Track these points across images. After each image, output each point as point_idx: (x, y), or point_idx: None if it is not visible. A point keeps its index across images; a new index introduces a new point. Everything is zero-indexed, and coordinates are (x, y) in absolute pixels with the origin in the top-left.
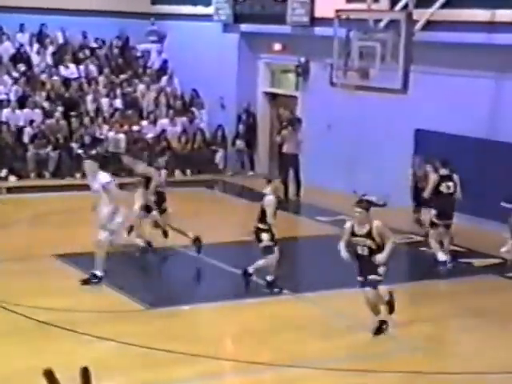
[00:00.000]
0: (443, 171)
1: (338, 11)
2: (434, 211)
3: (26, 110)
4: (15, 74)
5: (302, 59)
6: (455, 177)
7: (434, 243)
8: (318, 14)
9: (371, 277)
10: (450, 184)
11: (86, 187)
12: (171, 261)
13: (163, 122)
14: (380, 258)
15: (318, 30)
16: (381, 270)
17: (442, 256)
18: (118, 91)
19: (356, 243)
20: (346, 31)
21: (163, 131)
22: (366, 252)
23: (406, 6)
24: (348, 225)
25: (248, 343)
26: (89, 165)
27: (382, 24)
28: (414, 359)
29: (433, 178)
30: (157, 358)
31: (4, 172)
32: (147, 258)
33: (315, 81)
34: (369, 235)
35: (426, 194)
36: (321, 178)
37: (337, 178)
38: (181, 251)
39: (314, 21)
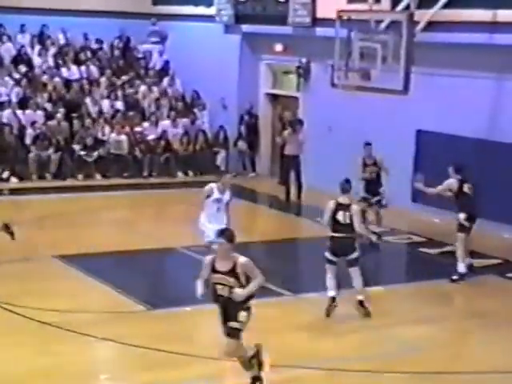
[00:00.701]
0: (457, 177)
1: (339, 12)
2: (462, 214)
3: (27, 112)
4: (16, 76)
5: (304, 60)
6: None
7: (461, 251)
8: (319, 14)
9: (231, 324)
10: (470, 185)
11: (88, 188)
12: (172, 262)
13: (165, 123)
14: (238, 292)
15: (320, 31)
16: (242, 316)
17: (462, 268)
18: (120, 92)
19: (216, 282)
20: (347, 32)
21: (165, 132)
22: (226, 293)
23: (407, 7)
24: (208, 259)
25: (248, 344)
26: None
27: (383, 25)
28: (416, 360)
29: (449, 182)
30: (158, 359)
31: (6, 173)
32: (149, 259)
33: (316, 82)
34: (232, 272)
35: (436, 190)
36: (322, 179)
37: (338, 179)
38: (182, 252)
39: (316, 21)
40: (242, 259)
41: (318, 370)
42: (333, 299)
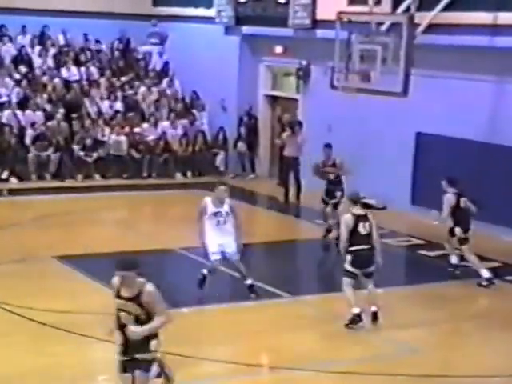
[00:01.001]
0: (453, 191)
1: (339, 14)
2: (458, 229)
3: (27, 112)
4: (17, 76)
5: (303, 62)
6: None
7: (474, 259)
8: (319, 16)
9: (139, 355)
10: (465, 199)
11: (87, 189)
12: (171, 263)
13: (164, 124)
14: (134, 330)
15: (320, 33)
16: (153, 345)
17: (486, 273)
18: (119, 93)
19: (120, 308)
20: (347, 34)
21: (164, 133)
22: (131, 322)
23: (407, 9)
24: (115, 281)
25: (247, 345)
26: None
27: (383, 27)
28: (414, 362)
29: (447, 198)
30: None
31: (5, 174)
32: (147, 260)
33: (316, 84)
34: (136, 300)
35: (445, 215)
36: (321, 181)
37: None
38: (180, 253)
39: (316, 23)
40: (148, 287)
41: (315, 372)
42: (359, 316)
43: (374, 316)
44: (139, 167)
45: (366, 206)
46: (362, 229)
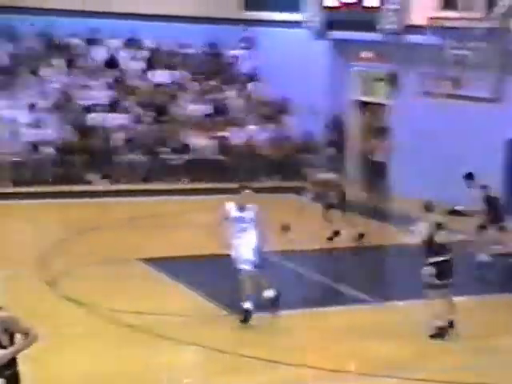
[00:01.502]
0: (475, 185)
1: (431, 19)
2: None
3: (117, 115)
4: (107, 79)
5: (393, 67)
6: None
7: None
8: (410, 21)
9: None
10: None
11: (176, 192)
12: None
13: (252, 128)
14: None
15: (410, 38)
16: None
17: None
18: (208, 97)
19: None
20: (438, 39)
21: (252, 137)
22: None
23: (501, 14)
24: None
25: (333, 351)
26: None
27: (476, 32)
28: (504, 375)
29: (474, 194)
30: (238, 363)
31: (96, 176)
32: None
33: (406, 89)
34: None
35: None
36: (410, 187)
37: (427, 188)
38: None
39: (406, 28)
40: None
41: (400, 380)
42: (446, 329)
43: (451, 324)
44: (226, 171)
45: (455, 212)
46: (443, 237)
